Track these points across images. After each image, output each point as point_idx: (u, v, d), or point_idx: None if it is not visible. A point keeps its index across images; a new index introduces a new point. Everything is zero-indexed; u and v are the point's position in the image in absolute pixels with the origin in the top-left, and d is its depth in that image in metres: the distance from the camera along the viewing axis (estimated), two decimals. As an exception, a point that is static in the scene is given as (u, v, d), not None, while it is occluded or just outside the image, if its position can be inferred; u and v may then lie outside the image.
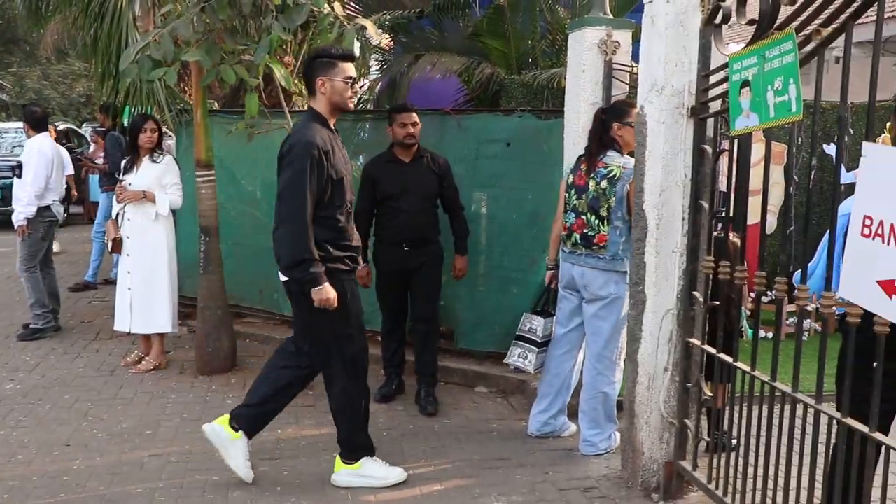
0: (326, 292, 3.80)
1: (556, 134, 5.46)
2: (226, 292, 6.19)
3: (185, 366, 6.17)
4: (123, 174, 6.02)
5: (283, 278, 3.99)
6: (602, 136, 4.45)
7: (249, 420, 4.13)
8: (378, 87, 10.03)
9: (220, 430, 4.09)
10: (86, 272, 9.17)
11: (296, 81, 6.44)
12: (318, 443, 4.68)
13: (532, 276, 5.66)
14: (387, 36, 10.43)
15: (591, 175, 4.42)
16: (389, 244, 5.30)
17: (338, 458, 4.15)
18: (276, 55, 5.57)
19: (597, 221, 4.40)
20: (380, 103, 9.59)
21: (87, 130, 17.31)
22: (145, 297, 5.96)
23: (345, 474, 4.11)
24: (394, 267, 5.30)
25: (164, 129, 7.20)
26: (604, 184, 4.36)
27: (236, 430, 4.09)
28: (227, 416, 4.14)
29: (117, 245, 6.12)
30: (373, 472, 4.11)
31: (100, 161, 10.06)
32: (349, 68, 4.00)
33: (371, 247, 5.41)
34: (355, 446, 4.13)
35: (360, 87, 15.49)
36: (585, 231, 4.44)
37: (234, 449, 4.07)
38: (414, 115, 5.29)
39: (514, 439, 4.78)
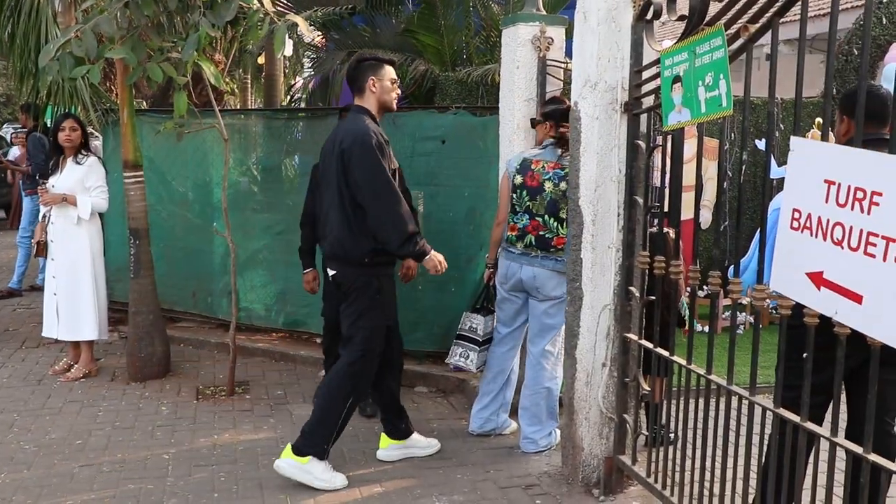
0: (436, 257, 4.17)
1: (491, 131, 5.47)
2: (158, 296, 6.07)
3: (117, 373, 6.03)
4: (49, 176, 5.85)
5: (331, 273, 4.23)
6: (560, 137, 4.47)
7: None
8: (311, 84, 9.93)
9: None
10: (10, 279, 8.89)
11: (227, 80, 6.34)
12: (257, 448, 4.61)
13: (469, 274, 5.66)
14: (318, 33, 10.34)
15: (548, 176, 4.42)
16: None
17: (289, 446, 4.12)
18: (205, 53, 5.46)
19: (555, 224, 4.40)
20: (313, 101, 9.49)
21: (7, 132, 16.68)
22: (70, 303, 5.81)
23: (290, 463, 4.08)
24: None
25: (91, 129, 7.03)
26: (563, 185, 4.37)
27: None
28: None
29: (41, 248, 5.95)
30: (317, 472, 4.07)
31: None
32: (392, 71, 4.30)
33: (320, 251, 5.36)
34: (314, 442, 4.09)
35: (293, 86, 15.40)
36: (542, 233, 4.41)
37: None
38: None
39: (454, 438, 4.78)
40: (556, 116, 4.50)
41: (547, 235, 4.41)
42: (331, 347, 5.34)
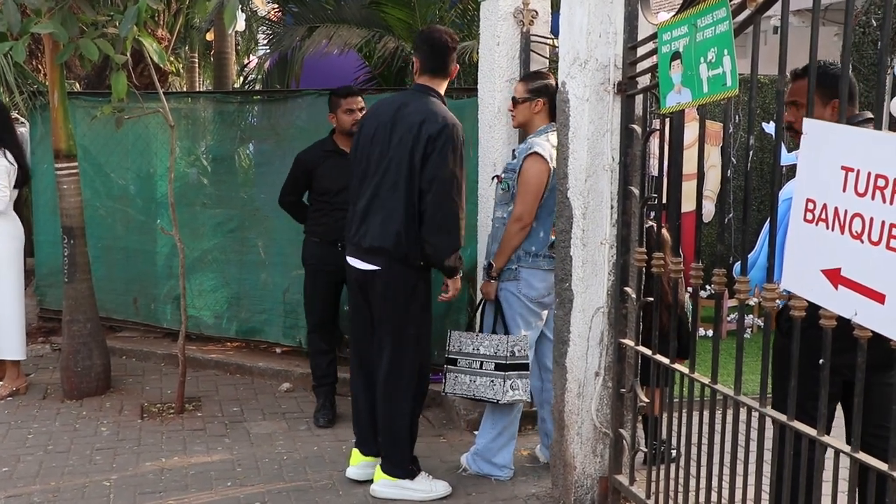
0: (458, 282, 4.34)
1: (469, 114, 5.45)
2: (96, 303, 5.99)
3: (50, 389, 5.96)
4: None
5: (371, 267, 4.17)
6: None
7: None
8: (267, 64, 9.89)
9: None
10: None
11: (171, 59, 6.28)
12: (210, 471, 4.57)
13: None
14: (274, 5, 10.29)
15: None
16: (323, 242, 5.29)
17: (378, 468, 4.31)
18: (146, 28, 5.40)
19: None
20: (269, 83, 9.45)
21: None
22: None
23: (384, 484, 4.27)
24: (328, 268, 5.26)
25: (16, 114, 6.93)
26: None
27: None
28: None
29: None
30: (413, 485, 4.26)
31: None
32: None
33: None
34: (401, 463, 4.26)
35: (247, 65, 15.33)
36: None
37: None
38: (360, 99, 5.29)
39: (431, 457, 4.76)
40: (550, 94, 4.37)
41: None
42: (322, 341, 5.45)
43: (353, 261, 4.25)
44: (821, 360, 2.68)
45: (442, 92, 4.28)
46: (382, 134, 4.14)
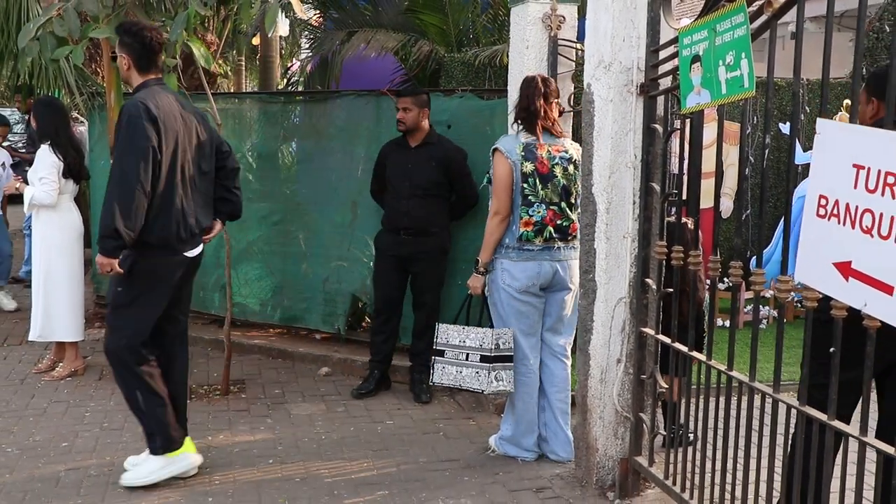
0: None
1: (499, 115, 5.46)
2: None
3: (106, 371, 6.00)
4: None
5: None
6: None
7: None
8: (309, 66, 9.94)
9: None
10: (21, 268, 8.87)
11: (220, 62, 6.36)
12: (253, 449, 4.63)
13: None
14: (316, 11, 10.34)
15: (556, 161, 4.39)
16: (388, 230, 5.55)
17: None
18: (196, 33, 5.47)
19: (569, 210, 4.40)
20: (311, 84, 9.50)
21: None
22: (41, 300, 5.80)
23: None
24: (391, 252, 5.51)
25: (76, 114, 7.03)
26: (570, 168, 4.38)
27: None
28: None
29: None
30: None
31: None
32: None
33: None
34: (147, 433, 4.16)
35: (290, 68, 15.41)
36: (559, 222, 4.36)
37: None
38: (407, 99, 5.42)
39: (461, 439, 4.79)
40: (521, 88, 4.46)
41: (564, 224, 4.38)
42: (386, 322, 5.65)
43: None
44: (832, 349, 2.68)
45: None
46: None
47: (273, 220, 6.76)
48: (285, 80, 14.42)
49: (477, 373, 4.38)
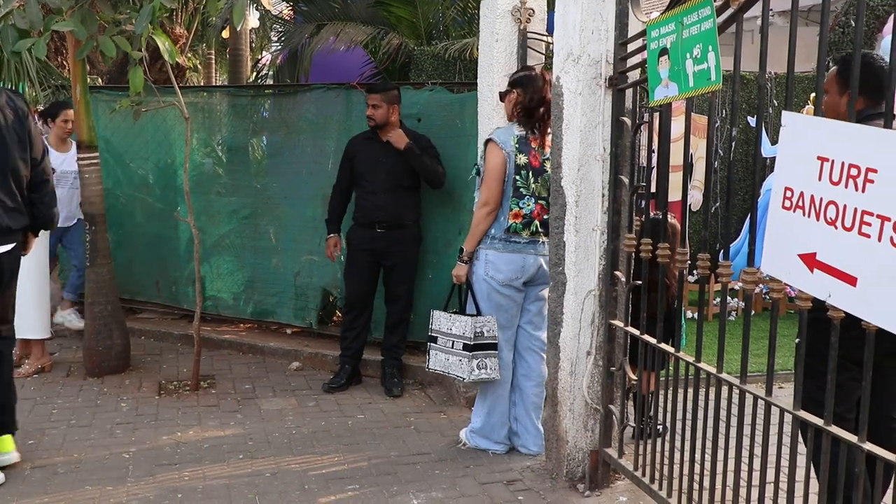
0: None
1: (469, 108, 5.45)
2: (116, 286, 6.01)
3: (73, 367, 5.98)
4: None
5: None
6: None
7: None
8: (279, 59, 9.87)
9: None
10: None
11: (188, 55, 6.29)
12: (223, 445, 4.59)
13: (446, 260, 5.65)
14: (286, 4, 10.27)
15: (546, 156, 4.35)
16: (361, 224, 5.50)
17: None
18: (163, 26, 5.41)
19: None
20: (280, 77, 9.44)
21: None
22: None
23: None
24: (365, 246, 5.48)
25: (40, 107, 6.94)
26: None
27: None
28: None
29: None
30: None
31: None
32: None
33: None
34: None
35: (260, 61, 15.31)
36: (545, 217, 4.31)
37: None
38: (377, 96, 5.40)
39: (432, 432, 4.79)
40: (524, 84, 4.39)
41: (548, 218, 4.38)
42: (356, 318, 5.61)
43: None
44: (797, 340, 2.69)
45: None
46: None
47: (243, 213, 6.73)
48: (255, 74, 14.34)
49: (460, 360, 4.39)
